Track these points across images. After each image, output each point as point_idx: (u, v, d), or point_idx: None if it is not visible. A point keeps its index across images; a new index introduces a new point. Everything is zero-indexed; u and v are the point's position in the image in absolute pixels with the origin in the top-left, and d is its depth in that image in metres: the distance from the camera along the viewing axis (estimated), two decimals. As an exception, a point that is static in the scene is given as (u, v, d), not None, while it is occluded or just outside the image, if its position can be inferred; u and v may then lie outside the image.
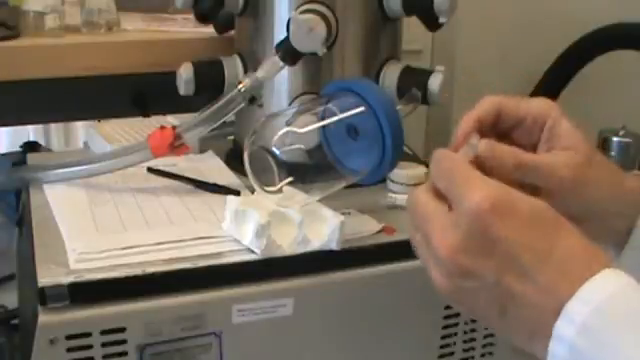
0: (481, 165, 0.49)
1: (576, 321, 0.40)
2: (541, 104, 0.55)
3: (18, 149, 1.21)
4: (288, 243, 0.66)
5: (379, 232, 0.72)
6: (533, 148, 0.55)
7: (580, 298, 0.40)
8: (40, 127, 1.57)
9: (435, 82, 0.83)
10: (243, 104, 0.76)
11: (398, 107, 0.69)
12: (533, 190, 0.50)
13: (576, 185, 0.51)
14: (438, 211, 0.46)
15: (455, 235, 0.44)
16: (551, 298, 0.41)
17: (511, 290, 0.43)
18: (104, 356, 0.61)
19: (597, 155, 0.54)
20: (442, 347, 0.76)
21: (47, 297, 0.58)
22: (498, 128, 0.55)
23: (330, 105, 0.71)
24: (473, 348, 0.78)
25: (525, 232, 0.42)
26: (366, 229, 0.72)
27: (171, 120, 0.97)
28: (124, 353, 0.61)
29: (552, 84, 1.41)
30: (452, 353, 0.77)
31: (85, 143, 1.01)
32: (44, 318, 0.58)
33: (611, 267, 0.42)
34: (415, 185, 0.82)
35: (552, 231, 0.43)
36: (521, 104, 0.55)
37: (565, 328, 0.40)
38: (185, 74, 0.86)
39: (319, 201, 0.69)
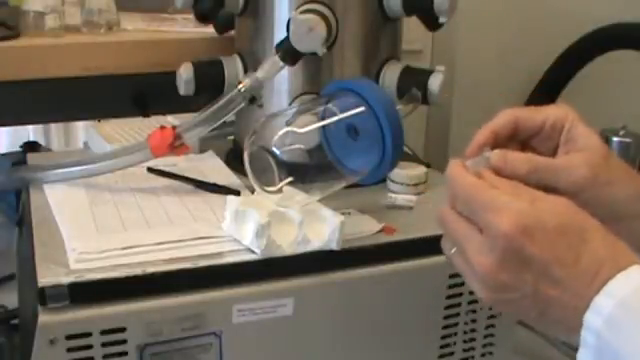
0: (499, 172, 0.52)
1: (603, 313, 0.44)
2: (557, 110, 0.56)
3: (18, 149, 1.22)
4: (288, 243, 0.66)
5: (379, 232, 0.72)
6: (553, 154, 0.57)
7: (607, 292, 0.44)
8: (40, 127, 1.56)
9: (435, 82, 0.83)
10: (243, 104, 0.76)
11: (398, 107, 0.69)
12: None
13: (595, 184, 0.53)
14: (470, 233, 0.50)
15: (491, 257, 0.47)
16: (584, 300, 0.45)
17: (548, 297, 0.47)
18: (104, 356, 0.61)
19: (613, 157, 0.55)
20: (442, 347, 0.76)
21: (47, 297, 0.58)
22: (517, 138, 0.57)
23: (330, 105, 0.71)
24: (473, 348, 0.78)
25: (553, 245, 0.46)
26: (366, 229, 0.72)
27: (171, 120, 0.97)
28: (124, 353, 0.61)
29: (552, 84, 1.41)
30: (452, 353, 0.77)
31: (85, 143, 1.01)
32: (44, 318, 0.58)
33: (637, 263, 0.45)
34: (415, 185, 0.82)
35: (578, 238, 0.46)
36: (536, 113, 0.57)
37: (593, 320, 0.44)
38: (185, 74, 0.86)
39: (319, 201, 0.69)
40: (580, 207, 0.49)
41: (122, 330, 0.61)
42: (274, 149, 0.68)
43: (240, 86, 0.76)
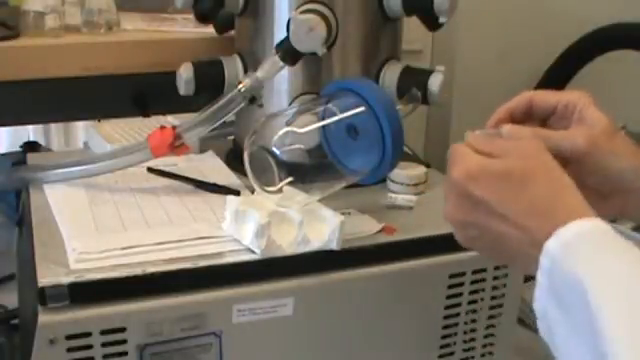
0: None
1: (560, 240, 0.48)
2: (571, 94, 0.62)
3: (18, 149, 1.21)
4: (288, 243, 0.66)
5: (379, 232, 0.72)
6: None
7: (568, 227, 0.48)
8: (40, 127, 1.56)
9: (435, 82, 0.83)
10: (243, 104, 0.76)
11: (398, 107, 0.69)
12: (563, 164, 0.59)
13: (594, 154, 0.58)
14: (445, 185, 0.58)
15: (450, 201, 0.56)
16: (525, 232, 0.51)
17: (498, 232, 0.53)
18: (104, 356, 0.61)
19: (618, 134, 0.60)
20: (442, 347, 0.76)
21: (47, 297, 0.58)
22: (534, 117, 0.63)
23: (330, 105, 0.71)
24: (473, 348, 0.78)
25: (496, 187, 0.53)
26: (366, 229, 0.72)
27: (171, 120, 0.97)
28: (124, 353, 0.61)
29: (552, 84, 1.41)
30: (452, 353, 0.77)
31: (85, 143, 1.01)
32: (44, 318, 0.58)
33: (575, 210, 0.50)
34: (415, 185, 0.82)
35: (518, 184, 0.52)
36: (550, 95, 0.63)
37: (552, 244, 0.49)
38: (185, 74, 0.86)
39: (319, 201, 0.69)
40: (586, 176, 0.57)
41: (122, 330, 0.61)
42: (274, 149, 0.68)
43: (240, 86, 0.76)
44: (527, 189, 0.52)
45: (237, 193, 0.77)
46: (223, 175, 0.85)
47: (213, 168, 0.87)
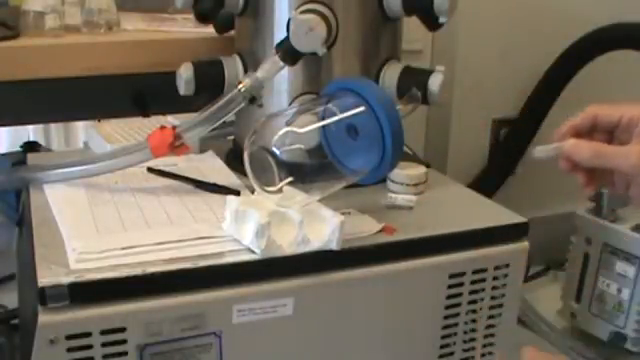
0: (570, 158, 0.66)
1: None
2: (635, 109, 0.66)
3: (18, 149, 1.21)
4: (288, 243, 0.66)
5: (379, 232, 0.72)
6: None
7: None
8: (40, 127, 1.56)
9: (435, 82, 0.83)
10: (243, 104, 0.76)
11: (398, 107, 0.69)
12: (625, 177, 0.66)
13: None
14: None
15: None
16: None
17: None
18: (104, 356, 0.61)
19: None
20: (442, 347, 0.76)
21: (47, 297, 0.58)
22: (599, 129, 0.67)
23: (330, 105, 0.71)
24: (473, 348, 0.78)
25: None
26: (366, 229, 0.72)
27: (171, 120, 0.97)
28: (124, 353, 0.61)
29: (552, 84, 1.41)
30: (452, 353, 0.77)
31: (85, 143, 1.01)
32: (44, 318, 0.58)
33: None
34: (415, 185, 0.82)
35: None
36: (614, 109, 0.67)
37: None
38: (185, 74, 0.86)
39: (319, 201, 0.69)
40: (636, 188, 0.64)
41: (122, 330, 0.61)
42: (274, 149, 0.68)
43: (240, 86, 0.76)
44: None
45: (237, 193, 0.77)
46: (223, 175, 0.85)
47: (213, 168, 0.87)
